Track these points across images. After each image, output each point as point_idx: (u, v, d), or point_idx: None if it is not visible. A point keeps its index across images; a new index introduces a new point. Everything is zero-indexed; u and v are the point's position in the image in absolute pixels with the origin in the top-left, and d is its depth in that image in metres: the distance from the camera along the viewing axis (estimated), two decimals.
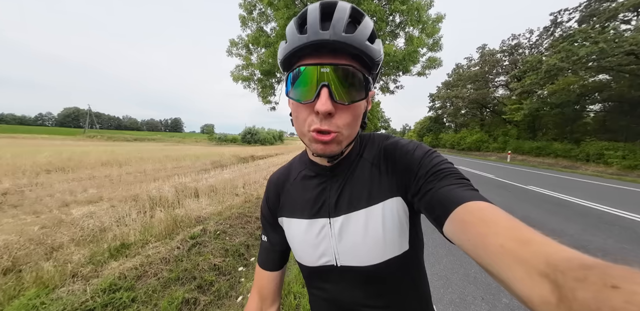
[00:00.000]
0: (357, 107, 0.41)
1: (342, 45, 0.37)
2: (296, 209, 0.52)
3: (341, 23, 0.37)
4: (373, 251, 0.45)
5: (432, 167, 0.41)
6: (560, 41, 15.86)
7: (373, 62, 0.40)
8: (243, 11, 8.89)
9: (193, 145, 35.83)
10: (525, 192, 5.90)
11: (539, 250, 0.23)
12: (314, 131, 0.39)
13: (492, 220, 0.29)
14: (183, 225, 2.92)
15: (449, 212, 0.34)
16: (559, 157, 15.96)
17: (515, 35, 25.75)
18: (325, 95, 0.37)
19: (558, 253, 0.22)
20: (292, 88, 0.41)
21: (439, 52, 9.13)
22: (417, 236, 0.50)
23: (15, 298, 1.57)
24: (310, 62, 0.38)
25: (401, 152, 0.46)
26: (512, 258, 0.24)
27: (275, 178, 0.58)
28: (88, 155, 9.66)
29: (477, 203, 0.33)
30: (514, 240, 0.26)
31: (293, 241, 0.52)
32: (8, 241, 2.24)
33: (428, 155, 0.44)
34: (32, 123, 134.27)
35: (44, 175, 6.07)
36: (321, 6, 0.39)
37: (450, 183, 0.38)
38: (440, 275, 2.23)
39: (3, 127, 71.23)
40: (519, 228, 0.27)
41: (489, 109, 29.78)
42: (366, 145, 0.51)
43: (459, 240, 0.32)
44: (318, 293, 0.53)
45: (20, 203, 3.86)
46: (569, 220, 3.74)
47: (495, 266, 0.26)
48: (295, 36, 0.38)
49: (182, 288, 1.86)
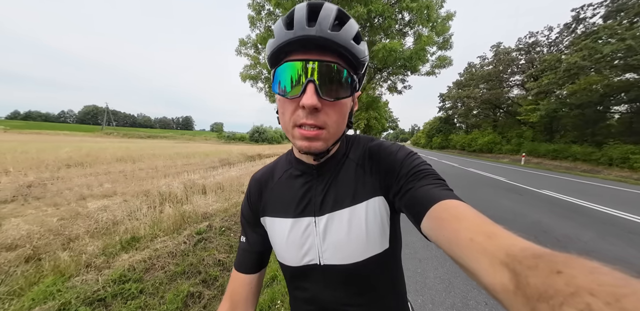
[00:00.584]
0: (343, 105, 0.42)
1: (327, 42, 0.37)
2: (280, 208, 0.51)
3: (327, 21, 0.38)
4: (356, 249, 0.46)
5: (413, 168, 0.43)
6: (582, 38, 15.07)
7: (358, 61, 0.41)
8: (252, 11, 9.00)
9: (203, 143, 36.72)
10: (538, 196, 5.67)
11: (501, 243, 0.26)
12: (300, 125, 0.40)
13: (463, 217, 0.32)
14: (190, 221, 3.01)
15: (426, 210, 0.36)
16: (577, 161, 15.20)
17: (533, 33, 24.63)
18: (311, 90, 0.38)
19: (516, 245, 0.25)
20: (278, 83, 0.41)
21: (449, 50, 8.91)
22: (397, 235, 0.51)
23: (35, 284, 1.69)
24: (297, 58, 0.39)
25: (385, 153, 0.48)
26: (479, 250, 0.26)
27: (258, 176, 0.57)
28: (105, 151, 10.11)
29: (452, 201, 0.35)
30: (482, 233, 0.28)
31: (276, 241, 0.51)
32: (30, 231, 2.40)
33: (409, 156, 0.46)
34: (55, 120, 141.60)
35: (64, 169, 6.42)
36: (308, 5, 0.40)
37: (428, 183, 0.40)
38: (443, 278, 2.19)
39: (30, 124, 75.60)
40: (486, 223, 0.30)
41: (503, 110, 28.72)
42: (352, 145, 0.53)
43: (434, 236, 0.34)
44: (300, 293, 0.53)
45: (42, 195, 4.10)
46: (584, 227, 3.57)
47: (465, 258, 0.28)
48: (282, 32, 0.39)
49: (188, 281, 1.93)
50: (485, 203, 4.88)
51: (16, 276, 1.72)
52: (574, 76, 15.35)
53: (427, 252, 2.66)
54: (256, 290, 0.55)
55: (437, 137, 41.89)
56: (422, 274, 2.25)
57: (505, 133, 25.99)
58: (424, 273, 2.26)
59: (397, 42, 7.55)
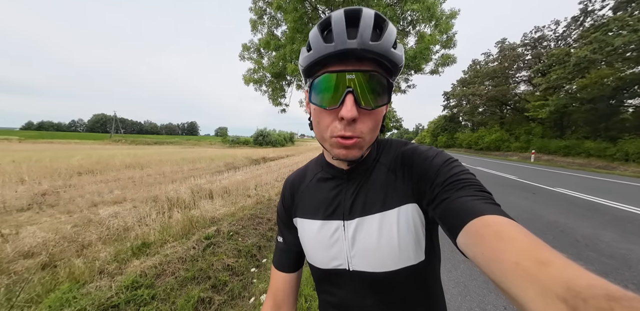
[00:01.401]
0: (379, 112, 0.42)
1: (368, 53, 0.37)
2: (310, 210, 0.52)
3: (368, 31, 0.37)
4: (387, 257, 0.44)
5: (451, 176, 0.40)
6: (591, 31, 14.69)
7: (396, 67, 0.41)
8: (253, 15, 9.12)
9: (208, 148, 37.23)
10: (552, 195, 5.49)
11: (559, 273, 0.22)
12: (338, 137, 0.40)
13: (509, 236, 0.28)
14: (198, 226, 3.03)
15: (464, 223, 0.33)
16: (591, 157, 14.70)
17: (539, 28, 24.20)
18: (350, 102, 0.38)
19: (580, 279, 0.21)
20: (315, 94, 0.41)
21: (452, 48, 8.80)
22: (434, 247, 0.48)
23: (52, 291, 1.71)
24: (335, 69, 0.39)
25: (419, 158, 0.46)
26: (527, 277, 0.23)
27: (291, 179, 0.59)
28: (114, 158, 10.35)
29: (496, 217, 0.31)
30: (532, 259, 0.24)
31: (305, 242, 0.52)
32: (46, 238, 2.46)
33: (448, 163, 0.43)
34: (66, 129, 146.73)
35: (76, 177, 6.59)
36: (346, 13, 0.39)
37: (468, 194, 0.36)
38: (458, 282, 2.13)
39: (43, 134, 78.45)
40: (538, 247, 0.26)
41: (510, 106, 28.17)
42: (383, 149, 0.51)
43: (472, 253, 0.31)
44: (328, 298, 0.52)
45: (56, 203, 4.21)
46: (604, 226, 3.43)
47: (507, 284, 0.25)
48: (320, 44, 0.38)
49: (198, 287, 1.93)
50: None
51: (33, 284, 1.75)
52: (584, 70, 14.95)
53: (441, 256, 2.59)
54: (296, 287, 0.57)
55: (442, 135, 41.36)
56: None
57: (513, 131, 25.45)
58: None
59: (401, 42, 7.51)
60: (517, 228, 0.29)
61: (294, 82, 10.40)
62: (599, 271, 2.24)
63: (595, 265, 2.35)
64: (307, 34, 5.57)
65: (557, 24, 22.80)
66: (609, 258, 2.48)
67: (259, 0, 8.88)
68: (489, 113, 31.67)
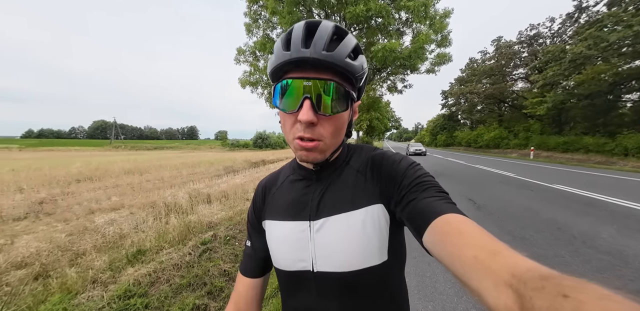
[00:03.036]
0: (340, 118, 0.44)
1: (322, 62, 0.40)
2: (279, 212, 0.52)
3: (321, 41, 0.40)
4: (351, 256, 0.45)
5: (416, 179, 0.43)
6: (586, 27, 14.74)
7: (354, 76, 0.43)
8: (248, 19, 9.19)
9: (208, 152, 37.25)
10: (551, 192, 5.47)
11: (506, 261, 0.25)
12: (298, 138, 0.42)
13: (467, 233, 0.31)
14: (195, 231, 3.02)
15: (428, 223, 0.35)
16: (590, 153, 14.67)
17: (534, 25, 24.27)
18: (307, 106, 0.40)
19: (522, 265, 0.24)
20: (278, 98, 0.44)
21: (448, 47, 8.84)
22: (399, 248, 0.49)
23: (43, 303, 1.70)
24: (294, 76, 0.42)
25: (388, 161, 0.48)
26: (483, 268, 0.26)
27: (263, 182, 0.60)
28: (113, 165, 10.36)
29: (455, 215, 0.35)
30: (486, 251, 0.27)
31: (272, 244, 0.52)
32: (39, 248, 2.45)
33: (412, 166, 0.46)
34: (66, 136, 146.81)
35: (74, 184, 6.59)
36: (306, 24, 0.43)
37: (431, 195, 0.39)
38: (454, 282, 2.11)
39: (43, 141, 78.57)
40: (491, 240, 0.29)
41: (508, 104, 28.20)
42: (354, 153, 0.53)
43: (436, 251, 0.33)
44: (293, 303, 0.52)
45: (53, 211, 4.21)
46: (602, 222, 3.41)
47: (468, 277, 0.27)
48: (280, 52, 0.42)
49: (193, 294, 1.91)
50: (494, 201, 4.74)
51: (24, 295, 1.74)
52: (580, 66, 14.97)
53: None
54: (260, 293, 0.57)
55: (441, 134, 41.40)
56: (431, 278, 2.17)
57: (511, 128, 25.46)
58: (433, 277, 2.19)
59: (396, 42, 7.54)
60: (474, 225, 0.33)
61: None
62: (596, 268, 2.21)
63: (592, 262, 2.32)
64: None
65: (552, 21, 22.87)
66: (606, 254, 2.46)
67: (254, 4, 8.95)
68: (488, 111, 31.69)
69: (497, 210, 4.13)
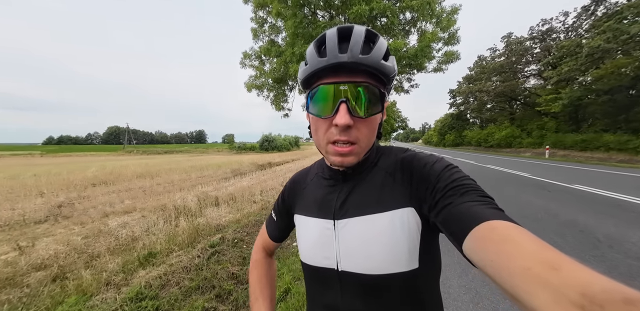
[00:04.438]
0: (374, 120, 0.45)
1: (358, 66, 0.40)
2: (307, 207, 0.54)
3: (358, 46, 0.41)
4: (375, 260, 0.44)
5: (452, 181, 0.40)
6: (604, 20, 14.13)
7: (387, 77, 0.44)
8: (255, 24, 9.37)
9: (215, 155, 37.97)
10: (569, 192, 5.20)
11: (572, 278, 0.21)
12: (333, 142, 0.43)
13: (517, 241, 0.27)
14: (204, 234, 3.05)
15: (469, 229, 0.32)
16: (611, 151, 13.91)
17: (547, 20, 23.49)
18: (343, 110, 0.41)
19: (596, 284, 0.20)
20: (312, 104, 0.45)
21: (456, 45, 8.66)
22: (432, 256, 0.46)
23: (60, 304, 1.75)
24: (329, 81, 0.42)
25: (419, 163, 0.46)
26: (538, 283, 0.22)
27: (295, 176, 0.64)
28: (126, 169, 10.72)
29: (502, 222, 0.31)
30: (542, 263, 0.24)
31: (300, 238, 0.54)
32: (58, 250, 2.54)
33: (448, 169, 0.43)
34: (83, 142, 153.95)
35: (90, 188, 6.85)
36: (339, 30, 0.43)
37: (472, 199, 0.36)
38: (469, 288, 2.03)
39: (62, 147, 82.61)
40: (548, 251, 0.25)
41: (520, 101, 27.28)
42: (382, 155, 0.53)
43: (478, 259, 0.30)
44: (317, 298, 0.53)
45: (71, 214, 4.37)
46: (629, 225, 3.20)
47: (517, 290, 0.24)
48: (315, 59, 0.42)
49: (202, 297, 1.92)
50: (509, 202, 4.55)
51: (43, 297, 1.80)
52: (598, 60, 14.33)
53: (449, 258, 2.48)
54: (274, 250, 0.68)
55: (449, 134, 40.50)
56: (444, 283, 2.09)
57: (524, 126, 24.56)
58: (446, 282, 2.10)
59: (401, 41, 7.45)
60: (525, 232, 0.29)
61: (296, 87, 10.51)
62: (625, 274, 2.06)
63: (621, 267, 2.17)
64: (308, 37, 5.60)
65: (567, 15, 22.05)
66: (637, 260, 2.30)
67: (259, 10, 9.12)
68: (498, 110, 30.75)
69: (513, 212, 3.96)
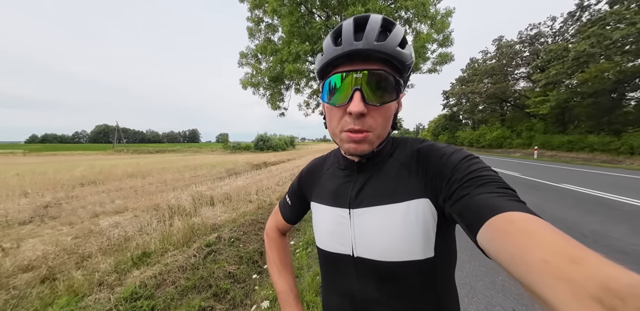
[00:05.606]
0: (388, 108, 0.44)
1: (373, 53, 0.40)
2: (323, 196, 0.55)
3: (373, 33, 0.40)
4: (390, 247, 0.44)
5: (470, 172, 0.39)
6: (589, 26, 14.71)
7: (404, 65, 0.43)
8: (251, 23, 9.29)
9: (209, 154, 37.42)
10: (558, 191, 5.39)
11: (593, 271, 0.20)
12: (348, 131, 0.42)
13: (536, 233, 0.26)
14: (199, 233, 3.00)
15: (485, 220, 0.31)
16: (595, 151, 14.49)
17: (535, 24, 24.25)
18: (357, 98, 0.40)
19: (618, 278, 0.19)
20: (327, 93, 0.45)
21: (450, 47, 8.83)
22: (447, 246, 0.46)
23: (50, 306, 1.69)
24: (344, 69, 0.42)
25: (436, 154, 0.45)
26: (558, 276, 0.21)
27: (312, 164, 0.65)
28: (116, 168, 10.41)
29: (521, 214, 0.29)
30: (562, 256, 0.23)
31: (316, 225, 0.56)
32: (46, 251, 2.44)
33: (467, 159, 0.42)
34: (70, 141, 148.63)
35: (78, 188, 6.62)
36: (355, 20, 0.43)
37: (490, 190, 0.35)
38: (463, 283, 2.07)
39: (47, 146, 79.49)
40: (568, 244, 0.24)
41: (510, 103, 28.04)
42: (398, 146, 0.52)
43: (494, 250, 0.29)
44: (332, 285, 0.54)
45: (58, 215, 4.22)
46: (613, 221, 3.34)
47: (534, 283, 0.23)
48: (331, 48, 0.43)
49: (199, 296, 1.89)
50: None
51: (31, 298, 1.73)
52: (583, 64, 14.89)
53: None
54: (288, 231, 0.70)
55: (443, 134, 41.22)
56: None
57: (514, 127, 25.28)
58: None
59: None
60: (545, 225, 0.27)
61: (292, 87, 10.47)
62: None
63: None
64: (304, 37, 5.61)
65: (554, 20, 22.84)
66: (620, 253, 2.41)
67: (256, 9, 9.04)
68: (490, 111, 31.53)
69: None
